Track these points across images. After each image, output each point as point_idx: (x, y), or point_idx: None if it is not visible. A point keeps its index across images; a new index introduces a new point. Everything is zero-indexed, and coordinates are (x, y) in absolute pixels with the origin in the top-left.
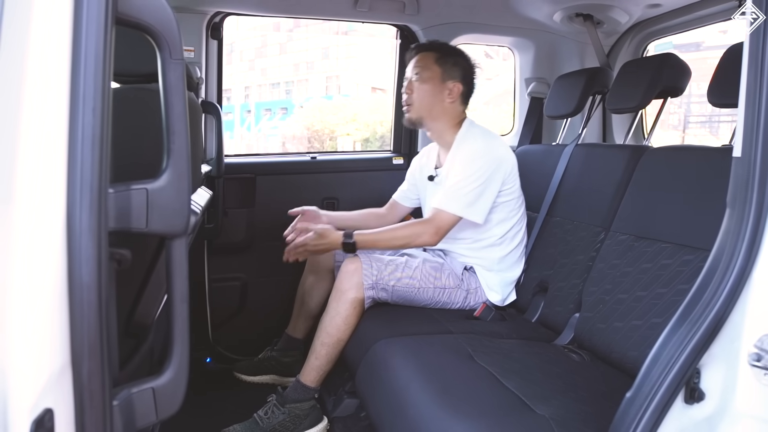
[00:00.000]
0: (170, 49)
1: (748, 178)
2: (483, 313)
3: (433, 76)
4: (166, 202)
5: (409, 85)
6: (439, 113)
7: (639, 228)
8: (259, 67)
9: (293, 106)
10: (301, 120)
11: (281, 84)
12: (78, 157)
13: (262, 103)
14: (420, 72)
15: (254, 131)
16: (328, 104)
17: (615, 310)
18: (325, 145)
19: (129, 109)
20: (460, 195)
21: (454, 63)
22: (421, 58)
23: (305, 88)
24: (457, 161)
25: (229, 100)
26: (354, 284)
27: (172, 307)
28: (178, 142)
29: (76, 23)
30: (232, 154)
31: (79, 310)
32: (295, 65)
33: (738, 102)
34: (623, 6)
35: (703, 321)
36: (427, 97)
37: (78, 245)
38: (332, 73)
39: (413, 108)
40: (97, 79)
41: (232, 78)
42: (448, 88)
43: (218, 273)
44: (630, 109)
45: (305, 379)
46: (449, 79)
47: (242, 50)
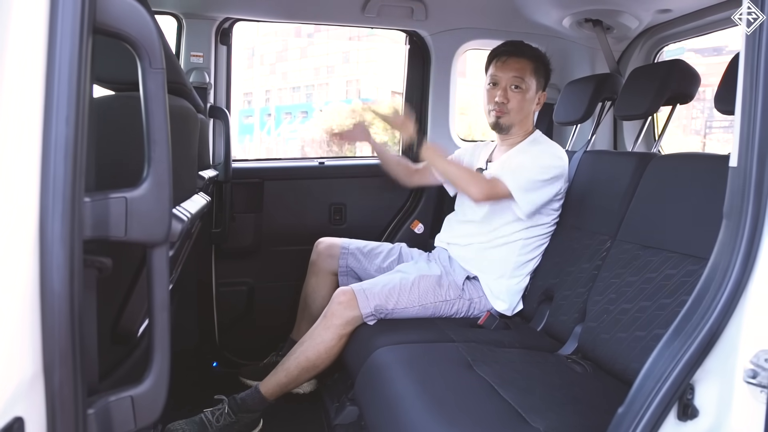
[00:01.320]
0: (150, 58)
1: (744, 188)
2: (487, 321)
3: (530, 88)
4: (145, 210)
5: (504, 93)
6: (526, 120)
7: (645, 237)
8: (280, 71)
9: (313, 110)
10: (320, 124)
11: (302, 88)
12: (51, 166)
13: (283, 107)
14: (519, 83)
15: (274, 135)
16: (347, 108)
17: (619, 321)
18: (344, 149)
19: (115, 118)
20: (521, 176)
21: (544, 73)
22: (519, 68)
23: (325, 91)
24: (528, 154)
25: (250, 104)
26: (345, 317)
27: (152, 315)
28: (158, 151)
29: (51, 33)
30: (240, 159)
31: (50, 318)
32: (315, 69)
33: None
34: (633, 11)
35: (698, 335)
36: (525, 107)
37: (50, 254)
38: (352, 77)
39: (509, 116)
40: (71, 89)
41: (253, 81)
42: (538, 97)
43: (225, 277)
44: (638, 116)
45: (266, 390)
46: (540, 89)
47: (263, 54)
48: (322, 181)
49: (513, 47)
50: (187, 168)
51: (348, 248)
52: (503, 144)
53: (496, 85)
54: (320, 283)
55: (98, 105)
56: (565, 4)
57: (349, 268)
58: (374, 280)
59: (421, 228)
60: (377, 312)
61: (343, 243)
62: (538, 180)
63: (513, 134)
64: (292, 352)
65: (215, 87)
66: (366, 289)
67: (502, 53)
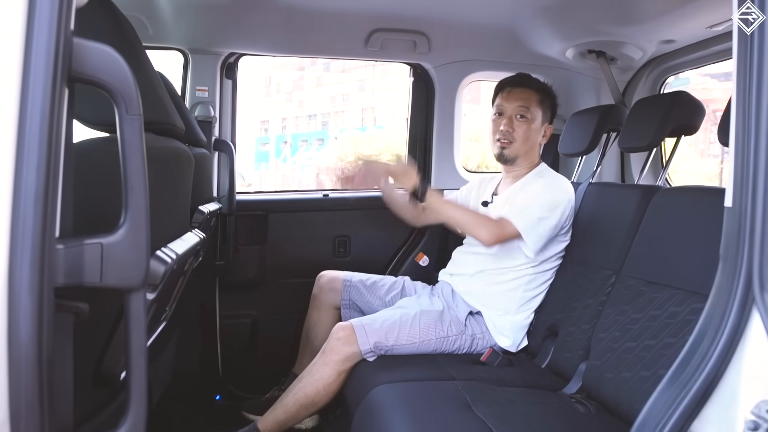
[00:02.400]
0: (126, 105)
1: (740, 230)
2: (489, 358)
3: (535, 118)
4: (122, 256)
5: (509, 122)
6: (531, 152)
7: (649, 272)
8: (297, 99)
9: (329, 137)
10: (335, 151)
11: (318, 115)
12: (20, 215)
13: (299, 135)
14: (524, 112)
15: (290, 162)
16: (362, 136)
17: (623, 359)
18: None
19: (99, 161)
20: (527, 213)
21: (550, 105)
22: (525, 98)
23: (341, 119)
24: (535, 188)
25: (266, 132)
26: (343, 353)
27: (129, 360)
28: (135, 197)
29: (24, 83)
30: (244, 191)
31: (17, 367)
32: (331, 97)
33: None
34: (636, 42)
35: (695, 382)
36: (531, 137)
37: (17, 303)
38: (368, 104)
39: (514, 146)
40: (43, 139)
41: (270, 110)
42: (544, 129)
43: (229, 309)
44: (642, 148)
45: (264, 427)
46: (546, 121)
47: (280, 83)
48: (326, 213)
49: (519, 78)
50: (176, 208)
51: (351, 281)
52: (509, 176)
53: (502, 115)
54: (322, 317)
55: (83, 148)
56: (567, 36)
57: (351, 302)
58: (374, 315)
59: (426, 261)
60: (377, 348)
61: (345, 276)
62: (546, 218)
63: (518, 166)
64: (291, 388)
65: (220, 120)
66: (366, 324)
67: (508, 84)
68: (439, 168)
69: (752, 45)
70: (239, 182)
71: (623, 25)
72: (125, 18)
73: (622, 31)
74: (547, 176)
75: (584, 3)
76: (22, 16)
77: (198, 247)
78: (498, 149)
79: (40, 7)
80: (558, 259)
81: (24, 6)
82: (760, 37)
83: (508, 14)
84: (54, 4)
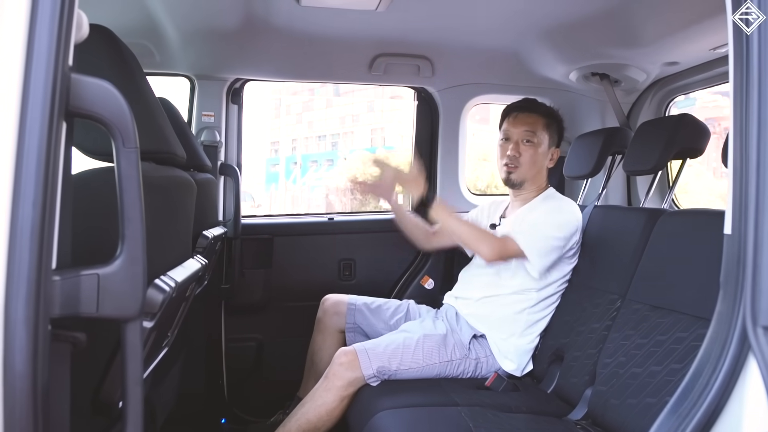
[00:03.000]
0: (123, 138)
1: (740, 257)
2: (494, 383)
3: (542, 142)
4: (118, 287)
5: (516, 147)
6: (538, 176)
7: (654, 297)
8: (307, 120)
9: (338, 158)
10: (344, 172)
11: (327, 136)
12: (17, 248)
13: (309, 155)
14: (530, 137)
15: (299, 183)
16: (371, 156)
17: (629, 385)
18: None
19: (99, 191)
20: (535, 234)
21: (557, 129)
22: (531, 122)
23: (351, 140)
24: (540, 210)
25: (277, 153)
26: (346, 378)
27: (125, 390)
28: (131, 228)
29: (21, 119)
30: (249, 215)
31: (11, 397)
32: (341, 118)
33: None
34: (639, 65)
35: (696, 412)
36: (538, 161)
37: (12, 335)
38: (377, 125)
39: (521, 170)
40: (39, 173)
41: (280, 131)
42: (551, 153)
43: (235, 333)
44: (646, 171)
45: None
46: (552, 145)
47: (290, 104)
48: (331, 236)
49: (525, 103)
50: (177, 235)
51: (355, 304)
52: (516, 200)
53: (509, 140)
54: (327, 341)
55: (83, 179)
56: (570, 59)
57: (356, 325)
58: (377, 340)
59: (431, 284)
60: (380, 373)
61: (350, 299)
62: (552, 237)
63: (525, 190)
64: (294, 413)
65: (226, 145)
66: (369, 349)
67: (514, 109)
68: (445, 191)
69: (749, 73)
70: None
71: (626, 47)
72: (126, 47)
73: (624, 53)
74: (555, 199)
75: (586, 26)
76: (21, 53)
77: (200, 273)
78: (505, 174)
79: (39, 44)
80: (564, 282)
81: (23, 43)
82: (760, 66)
83: (511, 38)
84: (52, 41)
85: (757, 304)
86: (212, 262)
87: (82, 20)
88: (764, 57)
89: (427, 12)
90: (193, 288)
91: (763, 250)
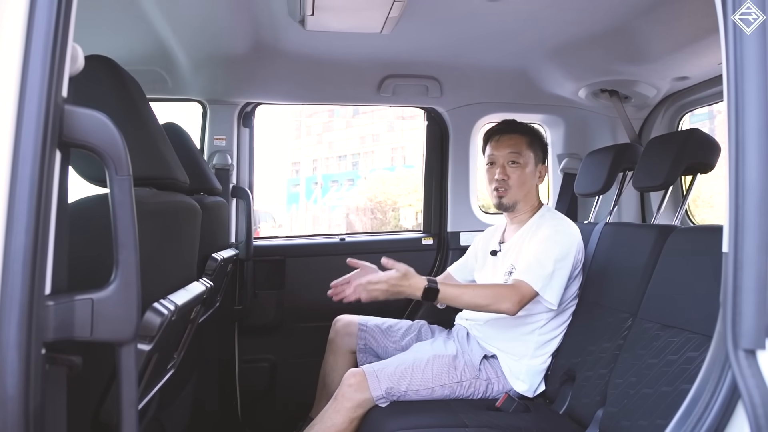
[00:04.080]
0: (115, 167)
1: (734, 278)
2: (505, 403)
3: (528, 161)
4: (112, 311)
5: (503, 170)
6: (530, 195)
7: (665, 315)
8: (327, 141)
9: (359, 178)
10: (364, 191)
11: (348, 156)
12: (9, 273)
13: (329, 175)
14: (516, 158)
15: (320, 203)
16: (391, 175)
17: (639, 406)
18: (388, 215)
19: (97, 217)
20: (540, 269)
21: (540, 146)
22: (514, 143)
23: (371, 159)
24: (538, 236)
25: (297, 173)
26: (355, 399)
27: (120, 411)
28: (125, 253)
29: (15, 150)
30: (261, 237)
31: (2, 420)
32: (361, 138)
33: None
34: (648, 80)
35: None
36: (527, 181)
37: (4, 359)
38: (397, 144)
39: (511, 193)
40: (32, 201)
41: (301, 152)
42: (539, 170)
43: (248, 353)
44: (656, 188)
45: None
46: (539, 162)
47: (310, 125)
48: (343, 257)
49: (505, 125)
50: (179, 259)
51: (366, 325)
52: (513, 223)
53: (494, 164)
54: (338, 362)
55: (80, 205)
56: (578, 77)
57: (367, 346)
58: (386, 360)
59: (442, 303)
60: (389, 394)
61: (361, 320)
62: (558, 268)
63: (519, 211)
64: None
65: (238, 167)
66: (377, 370)
67: (495, 132)
68: (456, 210)
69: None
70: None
71: (634, 63)
72: (129, 76)
73: (633, 69)
74: (550, 219)
75: (593, 44)
76: (15, 86)
77: (204, 295)
78: (496, 198)
79: (32, 77)
80: (573, 300)
81: (17, 77)
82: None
83: (518, 57)
84: (44, 74)
85: (737, 326)
86: (224, 284)
87: (77, 53)
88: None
89: (432, 33)
90: (199, 310)
91: (743, 270)
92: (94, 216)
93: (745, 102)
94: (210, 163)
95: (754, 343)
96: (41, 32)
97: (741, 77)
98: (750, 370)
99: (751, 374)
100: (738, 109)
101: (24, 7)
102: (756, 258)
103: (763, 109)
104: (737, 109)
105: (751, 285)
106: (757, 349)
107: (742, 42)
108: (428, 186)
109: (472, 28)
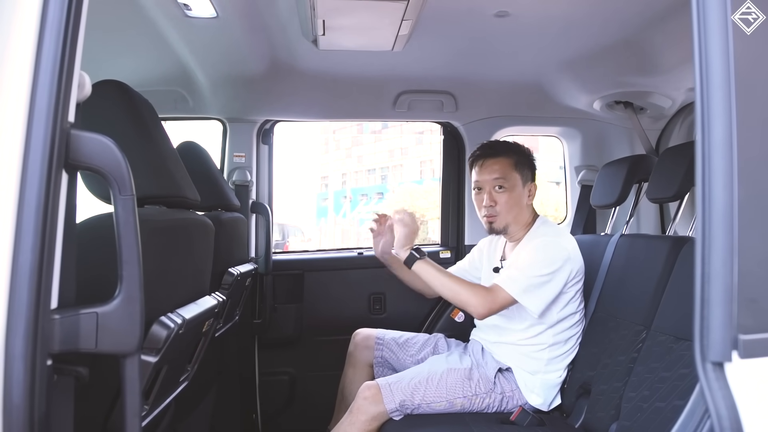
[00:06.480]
0: (119, 187)
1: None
2: (519, 417)
3: (515, 184)
4: (116, 324)
5: (490, 197)
6: (520, 216)
7: (679, 328)
8: (356, 155)
9: (387, 191)
10: (392, 205)
11: (377, 170)
12: (16, 289)
13: (358, 189)
14: (502, 182)
15: (349, 217)
16: (419, 188)
17: (653, 420)
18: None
19: (106, 235)
20: (523, 278)
21: (527, 164)
22: (499, 168)
23: (400, 172)
24: (527, 249)
25: (327, 187)
26: (370, 413)
27: (124, 421)
28: (128, 269)
29: (23, 172)
30: (280, 251)
31: (8, 428)
32: (389, 151)
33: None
34: (663, 91)
35: None
36: (516, 203)
37: (10, 370)
38: (426, 157)
39: (500, 218)
40: (38, 221)
41: (329, 166)
42: (528, 189)
43: (268, 367)
44: (669, 199)
45: None
46: (527, 181)
47: (339, 139)
48: (361, 271)
49: (488, 149)
50: (189, 274)
51: (383, 339)
52: (511, 241)
53: (481, 190)
54: (357, 375)
55: (89, 224)
56: (593, 89)
57: (384, 360)
58: (401, 374)
59: (461, 317)
60: (403, 407)
61: (378, 334)
62: (537, 275)
63: (513, 232)
64: None
65: (257, 184)
66: (392, 383)
67: (479, 157)
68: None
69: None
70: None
71: (647, 75)
72: (141, 98)
73: (647, 81)
74: (542, 235)
75: (606, 56)
76: (23, 112)
77: (216, 309)
78: (487, 224)
79: (39, 104)
80: (580, 314)
81: (25, 103)
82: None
83: (532, 70)
84: (51, 101)
85: (704, 339)
86: (243, 298)
87: (84, 81)
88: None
89: (444, 49)
90: (212, 323)
91: (710, 283)
92: (102, 233)
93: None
94: (230, 179)
95: (721, 355)
96: (48, 63)
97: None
98: (717, 383)
99: (718, 387)
100: (705, 116)
101: (32, 39)
102: (722, 271)
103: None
104: (706, 117)
105: (718, 298)
106: (725, 362)
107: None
108: (445, 200)
109: (483, 43)
